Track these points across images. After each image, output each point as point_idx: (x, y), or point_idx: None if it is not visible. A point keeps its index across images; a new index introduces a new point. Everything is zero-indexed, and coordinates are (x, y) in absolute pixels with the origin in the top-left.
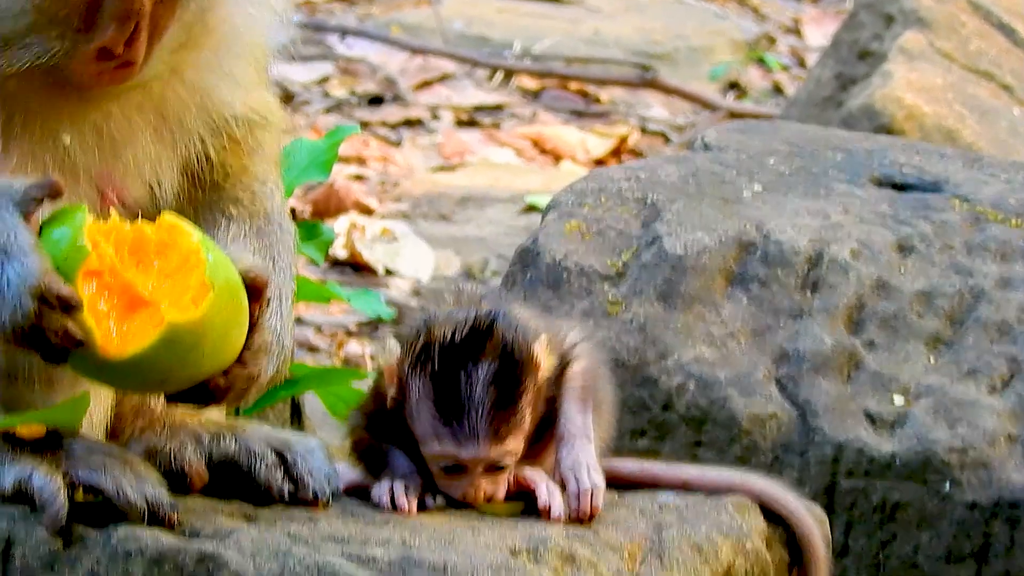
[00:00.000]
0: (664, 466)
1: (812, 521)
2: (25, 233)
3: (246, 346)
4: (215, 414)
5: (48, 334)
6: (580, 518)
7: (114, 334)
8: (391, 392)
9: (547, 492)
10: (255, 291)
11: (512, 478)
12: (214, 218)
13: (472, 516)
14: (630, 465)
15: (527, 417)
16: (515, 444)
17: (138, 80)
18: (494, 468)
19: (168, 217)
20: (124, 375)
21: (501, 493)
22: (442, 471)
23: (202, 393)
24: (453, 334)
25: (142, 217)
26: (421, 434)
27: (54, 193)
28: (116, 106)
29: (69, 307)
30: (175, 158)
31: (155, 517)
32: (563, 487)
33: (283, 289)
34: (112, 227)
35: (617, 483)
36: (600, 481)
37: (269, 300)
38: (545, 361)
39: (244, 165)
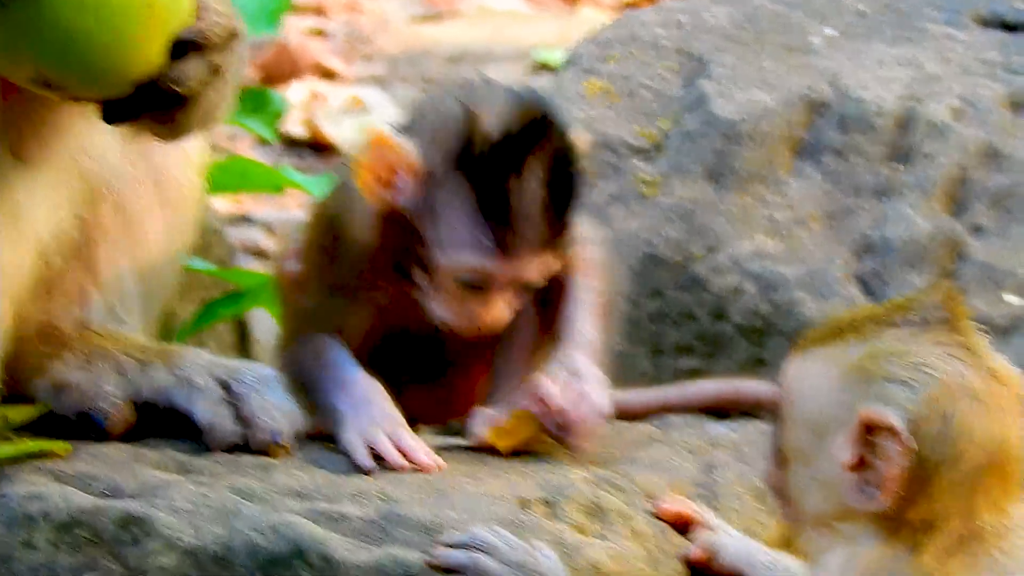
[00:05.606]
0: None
1: None
2: None
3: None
4: (140, 337)
5: None
6: (568, 430)
7: None
8: (397, 197)
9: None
10: None
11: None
12: None
13: (471, 461)
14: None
15: (572, 232)
16: (553, 261)
17: None
18: (517, 289)
19: None
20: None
21: (507, 316)
22: (459, 287)
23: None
24: (506, 128)
25: None
26: (447, 239)
27: None
28: None
29: None
30: None
31: None
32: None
33: None
34: None
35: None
36: (607, 404)
37: None
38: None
39: None
